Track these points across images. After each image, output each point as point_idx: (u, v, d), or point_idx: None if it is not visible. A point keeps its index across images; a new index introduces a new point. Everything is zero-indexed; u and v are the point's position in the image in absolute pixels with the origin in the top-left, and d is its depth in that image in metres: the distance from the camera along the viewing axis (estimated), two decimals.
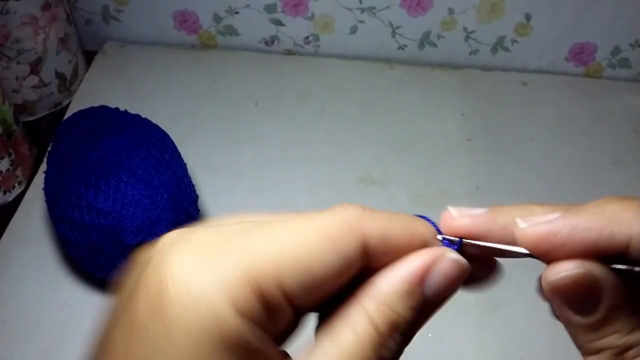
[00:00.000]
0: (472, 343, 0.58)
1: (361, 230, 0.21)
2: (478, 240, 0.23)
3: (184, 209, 0.58)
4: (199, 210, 0.62)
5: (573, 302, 0.21)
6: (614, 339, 0.21)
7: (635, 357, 0.21)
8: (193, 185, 0.62)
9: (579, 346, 0.22)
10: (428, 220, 0.24)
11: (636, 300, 0.22)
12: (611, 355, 0.21)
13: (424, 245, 0.22)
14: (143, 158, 0.57)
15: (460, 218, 0.23)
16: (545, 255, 0.22)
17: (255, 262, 0.20)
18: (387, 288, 0.21)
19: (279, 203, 0.69)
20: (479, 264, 0.24)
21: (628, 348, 0.21)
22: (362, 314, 0.21)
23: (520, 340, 0.58)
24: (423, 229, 0.23)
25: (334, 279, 0.21)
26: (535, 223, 0.22)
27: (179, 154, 0.64)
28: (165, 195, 0.55)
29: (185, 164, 0.63)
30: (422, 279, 0.22)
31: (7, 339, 0.58)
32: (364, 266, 0.22)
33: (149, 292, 0.20)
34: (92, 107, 0.67)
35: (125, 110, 0.66)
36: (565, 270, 0.21)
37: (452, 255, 0.22)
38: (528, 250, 0.22)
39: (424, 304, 0.22)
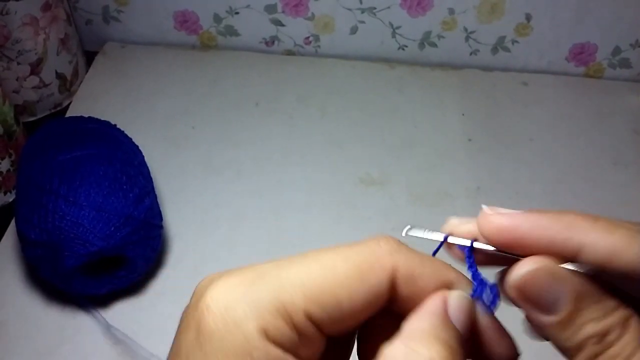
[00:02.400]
0: None
1: (391, 267, 0.22)
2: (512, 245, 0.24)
3: (135, 228, 0.57)
4: (160, 228, 0.61)
5: (537, 301, 0.22)
6: (589, 328, 0.21)
7: (618, 338, 0.21)
8: (157, 207, 0.62)
9: (563, 351, 0.22)
10: (466, 248, 0.25)
11: (599, 285, 0.22)
12: (594, 345, 0.21)
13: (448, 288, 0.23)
14: (93, 174, 0.57)
15: (499, 217, 0.24)
16: (505, 247, 0.23)
17: (285, 293, 0.21)
18: (426, 325, 0.22)
19: (279, 203, 0.69)
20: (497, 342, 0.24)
21: (606, 333, 0.21)
22: (413, 355, 0.21)
23: (520, 340, 0.58)
24: (451, 275, 0.24)
25: (361, 310, 0.22)
26: (500, 213, 0.23)
27: (146, 172, 0.63)
28: (113, 217, 0.55)
29: (151, 184, 0.63)
30: (446, 312, 0.22)
31: (7, 339, 0.58)
32: (391, 297, 0.23)
33: (191, 326, 0.22)
34: (68, 117, 0.68)
35: (99, 120, 0.66)
36: (522, 268, 0.22)
37: (456, 291, 0.23)
38: (488, 237, 0.23)
39: (459, 335, 0.22)
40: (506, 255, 0.23)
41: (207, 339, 0.21)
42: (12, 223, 0.66)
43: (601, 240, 0.21)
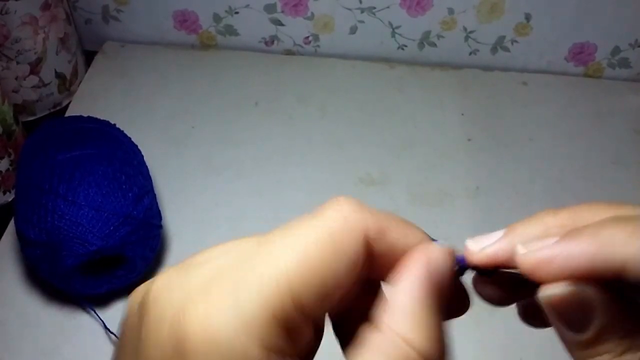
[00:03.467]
0: (472, 343, 0.59)
1: (361, 228, 0.22)
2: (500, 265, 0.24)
3: (134, 228, 0.57)
4: (159, 228, 0.61)
5: (565, 319, 0.22)
6: (607, 357, 0.21)
7: None
8: (156, 207, 0.62)
9: (573, 357, 0.22)
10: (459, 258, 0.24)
11: (629, 322, 0.22)
12: None
13: (420, 242, 0.23)
14: (94, 174, 0.57)
15: (481, 251, 0.24)
16: (542, 279, 0.22)
17: (272, 297, 0.20)
18: (408, 300, 0.21)
19: (279, 203, 0.69)
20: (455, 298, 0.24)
21: None
22: (393, 339, 0.21)
23: (520, 340, 0.58)
24: (416, 228, 0.23)
25: (345, 281, 0.21)
26: (533, 250, 0.22)
27: (146, 172, 0.63)
28: (112, 216, 0.55)
29: (150, 184, 0.63)
30: (429, 277, 0.22)
31: (7, 339, 0.58)
32: (368, 259, 0.22)
33: (164, 346, 0.20)
34: (68, 117, 0.68)
35: (98, 119, 0.65)
36: (556, 288, 0.22)
37: (440, 245, 0.23)
38: (525, 274, 0.23)
39: (440, 301, 0.22)
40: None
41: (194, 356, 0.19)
42: (12, 222, 0.66)
43: None
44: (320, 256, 0.20)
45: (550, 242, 0.22)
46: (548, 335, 0.29)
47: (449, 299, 0.23)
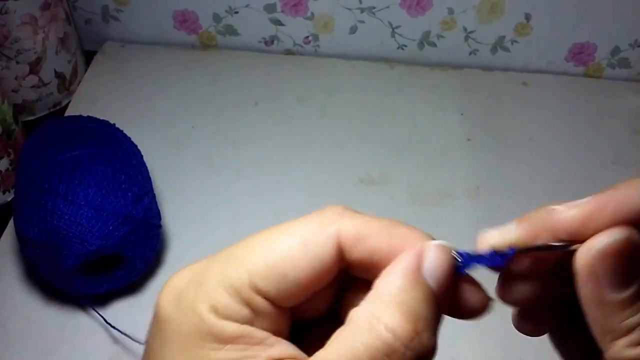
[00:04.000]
0: (472, 343, 0.58)
1: (334, 232, 0.22)
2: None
3: (134, 228, 0.57)
4: (159, 228, 0.61)
5: (611, 276, 0.21)
6: None
7: None
8: (156, 207, 0.62)
9: (608, 331, 0.21)
10: (461, 254, 0.24)
11: None
12: None
13: (407, 246, 0.23)
14: (94, 173, 0.57)
15: (499, 240, 0.23)
16: (590, 234, 0.21)
17: (230, 271, 0.22)
18: (392, 288, 0.21)
19: (279, 203, 0.69)
20: (470, 292, 0.24)
21: None
22: (373, 322, 0.20)
23: (520, 340, 0.58)
24: (404, 230, 0.23)
25: (312, 280, 0.22)
26: (577, 204, 0.22)
27: (145, 172, 0.63)
28: (112, 216, 0.55)
29: (150, 184, 0.62)
30: (418, 268, 0.22)
31: (7, 339, 0.57)
32: (346, 267, 0.23)
33: (153, 318, 0.23)
34: (68, 117, 0.68)
35: (98, 119, 0.65)
36: (608, 237, 0.21)
37: (435, 242, 0.23)
38: (574, 233, 0.22)
39: (432, 294, 0.22)
40: (554, 250, 0.22)
41: (165, 326, 0.22)
42: (11, 222, 0.66)
43: None
44: (286, 253, 0.22)
45: (586, 200, 0.22)
46: (548, 336, 0.29)
47: (446, 296, 0.22)
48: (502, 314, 0.24)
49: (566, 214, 0.22)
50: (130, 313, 0.59)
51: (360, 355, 0.20)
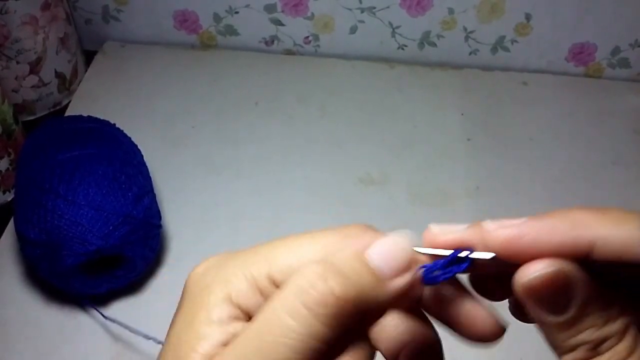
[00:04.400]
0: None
1: (356, 245, 0.23)
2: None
3: (134, 228, 0.57)
4: (159, 228, 0.61)
5: (546, 302, 0.22)
6: (588, 334, 0.21)
7: (609, 348, 0.21)
8: (156, 206, 0.62)
9: (554, 346, 0.22)
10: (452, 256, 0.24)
11: (605, 292, 0.22)
12: (586, 351, 0.21)
13: None
14: (94, 174, 0.57)
15: (444, 234, 0.25)
16: (512, 258, 0.22)
17: (251, 261, 0.24)
18: (345, 254, 0.23)
19: (279, 203, 0.69)
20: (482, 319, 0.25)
21: (602, 341, 0.21)
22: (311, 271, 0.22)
23: (520, 340, 0.58)
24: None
25: None
26: (504, 225, 0.23)
27: (145, 172, 0.63)
28: (112, 216, 0.55)
29: (150, 184, 0.63)
30: (365, 248, 0.23)
31: (7, 339, 0.57)
32: None
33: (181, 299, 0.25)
34: (68, 116, 0.68)
35: (98, 119, 0.65)
36: (536, 269, 0.22)
37: (393, 235, 0.24)
38: (496, 252, 0.23)
39: (367, 270, 0.22)
40: (505, 263, 0.23)
41: (185, 299, 0.24)
42: (11, 222, 0.66)
43: (613, 234, 0.21)
44: (307, 255, 0.24)
45: (519, 221, 0.22)
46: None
47: (402, 290, 0.23)
48: (502, 314, 0.24)
49: (493, 234, 0.23)
50: (130, 313, 0.59)
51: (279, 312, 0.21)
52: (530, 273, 0.22)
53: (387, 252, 0.23)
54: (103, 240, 0.54)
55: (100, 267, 0.57)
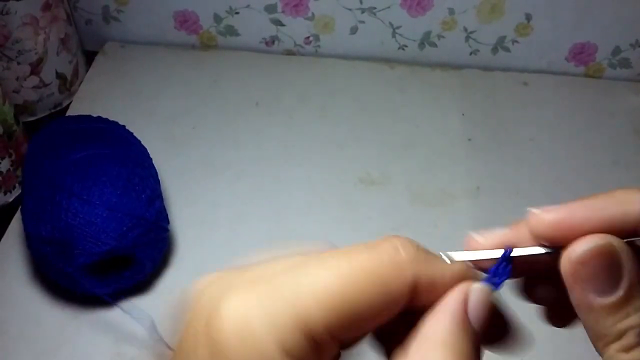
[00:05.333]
0: None
1: (412, 278, 0.22)
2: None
3: (146, 230, 0.57)
4: (167, 230, 0.61)
5: (595, 280, 0.21)
6: (637, 317, 0.21)
7: None
8: (164, 209, 0.62)
9: (599, 337, 0.22)
10: (503, 255, 0.24)
11: None
12: (636, 335, 0.21)
13: (460, 277, 0.23)
14: (107, 174, 0.57)
15: (486, 240, 0.24)
16: (563, 241, 0.22)
17: (303, 306, 0.20)
18: (441, 332, 0.21)
19: (279, 203, 0.69)
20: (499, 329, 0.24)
21: None
22: None
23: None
24: (471, 275, 0.23)
25: (380, 318, 0.22)
26: (550, 209, 0.22)
27: (155, 174, 0.63)
28: (126, 217, 0.55)
29: (159, 187, 0.63)
30: (465, 312, 0.22)
31: (7, 339, 0.58)
32: (411, 302, 0.22)
33: (203, 342, 0.21)
34: (76, 116, 0.68)
35: (108, 120, 0.66)
36: (586, 244, 0.21)
37: (477, 285, 0.23)
38: (545, 236, 0.22)
39: (477, 336, 0.22)
40: (547, 254, 0.23)
41: (222, 354, 0.20)
42: (13, 222, 0.66)
43: None
44: (364, 294, 0.21)
45: (564, 205, 0.22)
46: (548, 336, 0.29)
47: (485, 334, 0.23)
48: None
49: (540, 218, 0.23)
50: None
51: None
52: (580, 248, 0.21)
53: (484, 316, 0.22)
54: (116, 241, 0.54)
55: (108, 268, 0.57)
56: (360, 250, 0.22)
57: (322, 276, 0.21)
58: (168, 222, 0.62)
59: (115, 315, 0.59)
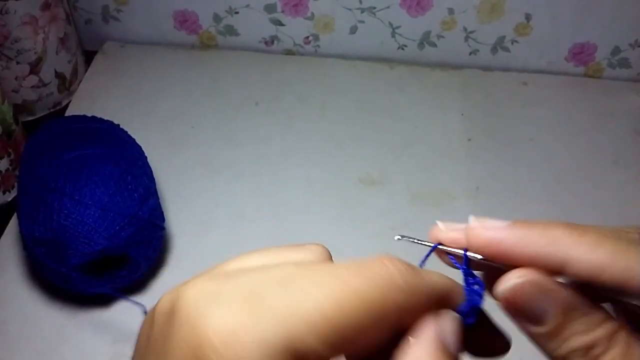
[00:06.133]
0: None
1: (403, 301, 0.22)
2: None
3: (139, 228, 0.57)
4: (163, 229, 0.61)
5: (525, 313, 0.22)
6: (575, 341, 0.22)
7: (603, 353, 0.21)
8: (160, 208, 0.62)
9: (547, 355, 0.23)
10: (464, 255, 0.25)
11: (589, 297, 0.22)
12: (579, 358, 0.22)
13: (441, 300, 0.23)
14: (99, 174, 0.57)
15: (486, 230, 0.24)
16: (495, 260, 0.23)
17: (295, 331, 0.20)
18: (423, 355, 0.22)
19: (279, 203, 0.69)
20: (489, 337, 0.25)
21: (592, 346, 0.21)
22: None
23: (520, 340, 0.58)
24: (447, 284, 0.24)
25: (372, 337, 0.21)
26: (486, 227, 0.23)
27: (150, 173, 0.63)
28: (118, 216, 0.55)
29: (154, 185, 0.62)
30: (441, 342, 0.22)
31: (7, 339, 0.57)
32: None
33: (187, 355, 0.20)
34: (70, 116, 0.68)
35: (103, 119, 0.65)
36: (509, 281, 0.22)
37: (449, 315, 0.23)
38: (479, 250, 0.24)
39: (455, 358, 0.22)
40: (493, 264, 0.24)
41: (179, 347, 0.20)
42: (11, 222, 0.66)
43: (585, 256, 0.21)
44: (358, 322, 0.20)
45: (503, 224, 0.23)
46: None
47: (461, 351, 0.23)
48: (502, 314, 0.24)
49: (476, 233, 0.24)
50: (133, 313, 0.59)
51: None
52: (504, 284, 0.22)
53: (458, 339, 0.23)
54: (109, 241, 0.54)
55: (104, 267, 0.57)
56: (352, 270, 0.21)
57: (315, 297, 0.20)
58: (163, 220, 0.61)
59: (114, 314, 0.59)
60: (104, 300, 0.60)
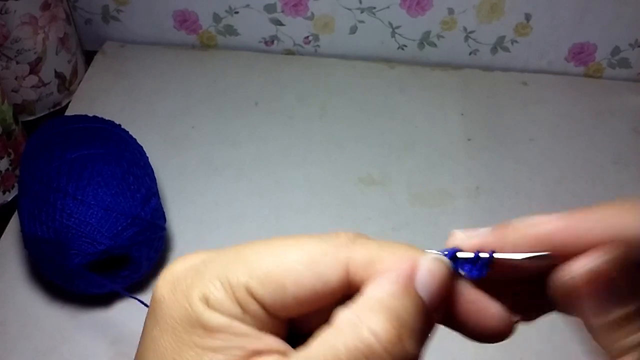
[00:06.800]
0: (472, 342, 0.58)
1: (345, 258, 0.22)
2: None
3: (141, 229, 0.57)
4: (164, 229, 0.61)
5: (594, 300, 0.21)
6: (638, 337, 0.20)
7: None
8: (161, 208, 0.62)
9: (607, 351, 0.21)
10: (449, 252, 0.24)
11: None
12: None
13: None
14: (102, 174, 0.57)
15: (469, 238, 0.24)
16: (560, 250, 0.21)
17: (230, 268, 0.22)
18: (381, 293, 0.21)
19: (279, 203, 0.69)
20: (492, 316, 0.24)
21: None
22: (357, 324, 0.20)
23: (520, 340, 0.58)
24: (412, 252, 0.22)
25: (312, 299, 0.22)
26: (544, 220, 0.22)
27: (151, 173, 0.63)
28: (121, 216, 0.55)
29: (156, 185, 0.63)
30: (410, 278, 0.21)
31: (7, 339, 0.57)
32: (354, 287, 0.22)
33: (151, 301, 0.23)
34: (71, 115, 0.68)
35: (103, 119, 0.65)
36: (587, 262, 0.21)
37: (431, 255, 0.22)
38: (543, 247, 0.22)
39: (422, 304, 0.21)
40: (530, 264, 0.22)
41: (158, 306, 0.22)
42: (11, 222, 0.66)
43: None
44: (291, 267, 0.21)
45: (555, 216, 0.22)
46: (548, 336, 0.29)
47: (439, 308, 0.22)
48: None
49: (529, 229, 0.22)
50: (133, 313, 0.59)
51: (341, 355, 0.20)
52: (581, 267, 0.21)
53: (433, 285, 0.22)
54: (112, 241, 0.54)
55: (105, 267, 0.57)
56: (306, 235, 0.23)
57: (257, 250, 0.22)
58: (165, 220, 0.62)
59: (114, 314, 0.59)
60: (104, 300, 0.60)
